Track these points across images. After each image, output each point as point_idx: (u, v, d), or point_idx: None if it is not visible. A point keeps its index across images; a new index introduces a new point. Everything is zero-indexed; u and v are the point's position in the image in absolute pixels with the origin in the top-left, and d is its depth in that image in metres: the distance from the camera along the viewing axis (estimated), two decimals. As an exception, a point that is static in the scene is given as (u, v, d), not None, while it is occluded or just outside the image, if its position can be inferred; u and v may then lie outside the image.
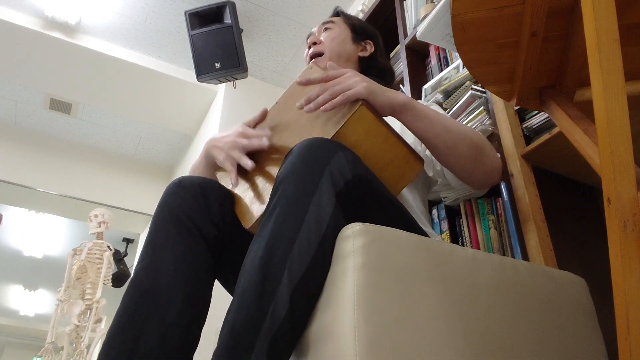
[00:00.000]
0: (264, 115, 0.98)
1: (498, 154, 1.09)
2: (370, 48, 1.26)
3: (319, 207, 0.64)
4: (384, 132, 0.79)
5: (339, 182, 0.67)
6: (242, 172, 0.92)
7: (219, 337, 0.61)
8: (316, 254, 0.62)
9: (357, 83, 0.79)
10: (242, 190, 0.89)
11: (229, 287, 0.93)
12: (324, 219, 0.64)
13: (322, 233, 0.63)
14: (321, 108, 0.78)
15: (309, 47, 1.24)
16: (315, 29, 1.29)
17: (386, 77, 1.26)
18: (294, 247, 0.62)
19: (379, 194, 0.75)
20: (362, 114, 0.77)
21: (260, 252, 0.63)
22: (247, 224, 0.83)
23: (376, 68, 1.24)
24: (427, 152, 1.01)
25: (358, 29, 1.27)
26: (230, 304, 0.63)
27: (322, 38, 1.23)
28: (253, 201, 0.84)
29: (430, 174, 1.03)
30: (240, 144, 0.89)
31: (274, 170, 0.85)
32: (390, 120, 0.86)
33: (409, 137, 1.02)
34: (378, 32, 1.32)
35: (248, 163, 0.86)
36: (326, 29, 1.26)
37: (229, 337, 0.59)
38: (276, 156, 0.87)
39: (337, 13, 1.34)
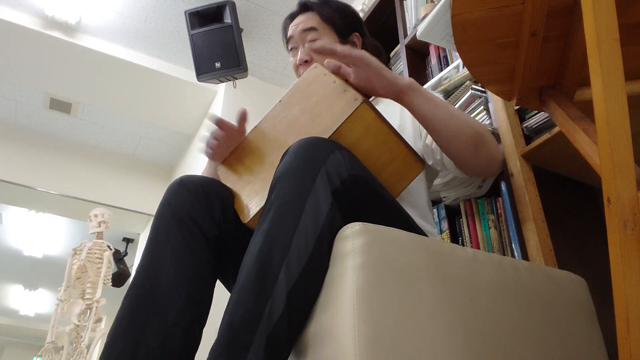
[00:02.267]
0: (243, 116, 1.02)
1: (500, 145, 1.08)
2: (358, 41, 1.20)
3: (315, 205, 0.64)
4: (384, 131, 0.79)
5: (335, 181, 0.67)
6: (241, 169, 0.92)
7: (218, 333, 0.61)
8: (313, 253, 0.62)
9: (369, 55, 0.82)
10: (242, 186, 0.89)
11: (229, 286, 0.93)
12: (321, 218, 0.64)
13: (319, 231, 0.63)
14: (327, 46, 0.83)
15: (300, 64, 1.14)
16: (294, 34, 1.16)
17: (380, 57, 1.19)
18: (291, 246, 0.62)
19: (376, 193, 0.75)
20: (363, 112, 0.78)
21: (258, 250, 0.63)
22: (245, 219, 0.83)
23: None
24: (427, 140, 1.01)
25: (342, 28, 1.18)
26: (229, 301, 0.63)
27: (312, 54, 1.12)
28: (252, 196, 0.85)
29: (430, 162, 1.03)
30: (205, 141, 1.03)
31: (273, 166, 0.85)
32: (391, 121, 0.86)
33: (409, 136, 1.02)
34: (358, 17, 1.23)
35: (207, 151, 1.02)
36: (311, 40, 1.14)
37: (227, 334, 0.59)
38: (276, 153, 0.88)
39: (308, 6, 1.19)
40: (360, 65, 0.82)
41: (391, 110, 1.07)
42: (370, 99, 1.16)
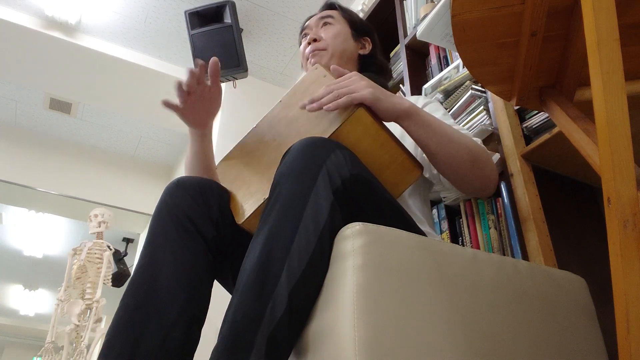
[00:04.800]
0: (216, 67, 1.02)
1: (495, 164, 1.09)
2: (369, 46, 1.23)
3: (316, 205, 0.64)
4: (382, 136, 0.79)
5: (337, 181, 0.67)
6: (238, 169, 0.92)
7: (219, 335, 0.61)
8: (314, 253, 0.62)
9: (363, 87, 0.79)
10: (238, 186, 0.89)
11: (228, 286, 0.93)
12: (322, 217, 0.64)
13: (320, 231, 0.63)
14: (324, 107, 0.78)
15: (309, 43, 1.18)
16: (311, 22, 1.23)
17: (385, 74, 1.24)
18: (292, 246, 0.62)
19: (377, 193, 0.75)
20: (360, 116, 0.77)
21: (259, 250, 0.63)
22: (240, 220, 0.83)
23: (375, 65, 1.22)
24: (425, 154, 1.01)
25: (358, 26, 1.23)
26: (230, 302, 0.63)
27: (322, 34, 1.18)
28: (247, 198, 0.85)
29: (427, 175, 1.04)
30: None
31: (271, 167, 0.85)
32: (391, 124, 0.86)
33: (409, 141, 1.02)
34: (373, 28, 1.29)
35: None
36: (325, 23, 1.20)
37: (229, 335, 0.59)
38: (274, 154, 0.87)
39: (333, 5, 1.27)
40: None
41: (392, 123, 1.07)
42: None
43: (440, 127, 0.86)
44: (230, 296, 0.74)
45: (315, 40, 1.17)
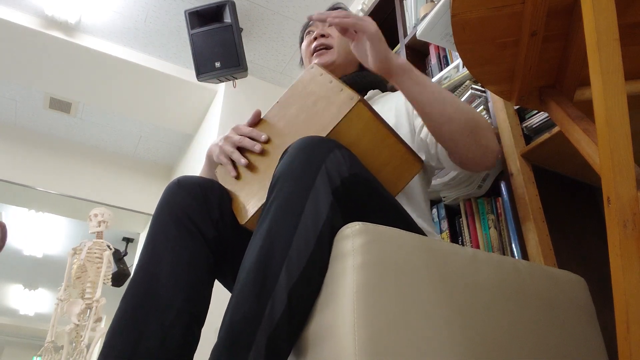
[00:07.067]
0: (257, 116, 0.97)
1: (495, 135, 1.06)
2: None
3: (315, 204, 0.64)
4: (382, 130, 0.79)
5: (336, 180, 0.67)
6: (239, 170, 0.92)
7: (218, 334, 0.61)
8: (314, 252, 0.62)
9: (371, 23, 0.83)
10: (239, 187, 0.89)
11: (228, 286, 0.93)
12: (321, 217, 0.64)
13: (319, 231, 0.63)
14: (328, 19, 0.81)
15: (315, 39, 1.18)
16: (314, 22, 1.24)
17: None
18: (291, 245, 0.62)
19: (376, 192, 0.74)
20: (360, 111, 0.77)
21: (258, 250, 0.63)
22: (243, 220, 0.83)
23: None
24: (422, 134, 0.98)
25: None
26: (229, 302, 0.63)
27: (329, 32, 1.19)
28: (249, 198, 0.85)
29: (424, 157, 1.00)
30: (232, 140, 0.93)
31: (271, 167, 0.85)
32: (387, 120, 0.86)
33: (405, 132, 1.01)
34: None
35: (240, 160, 0.89)
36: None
37: (227, 335, 0.59)
38: (274, 154, 0.87)
39: (340, 9, 1.29)
40: (361, 39, 0.85)
41: (387, 109, 1.07)
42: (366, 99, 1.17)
43: (435, 87, 0.85)
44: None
45: (322, 35, 1.18)
